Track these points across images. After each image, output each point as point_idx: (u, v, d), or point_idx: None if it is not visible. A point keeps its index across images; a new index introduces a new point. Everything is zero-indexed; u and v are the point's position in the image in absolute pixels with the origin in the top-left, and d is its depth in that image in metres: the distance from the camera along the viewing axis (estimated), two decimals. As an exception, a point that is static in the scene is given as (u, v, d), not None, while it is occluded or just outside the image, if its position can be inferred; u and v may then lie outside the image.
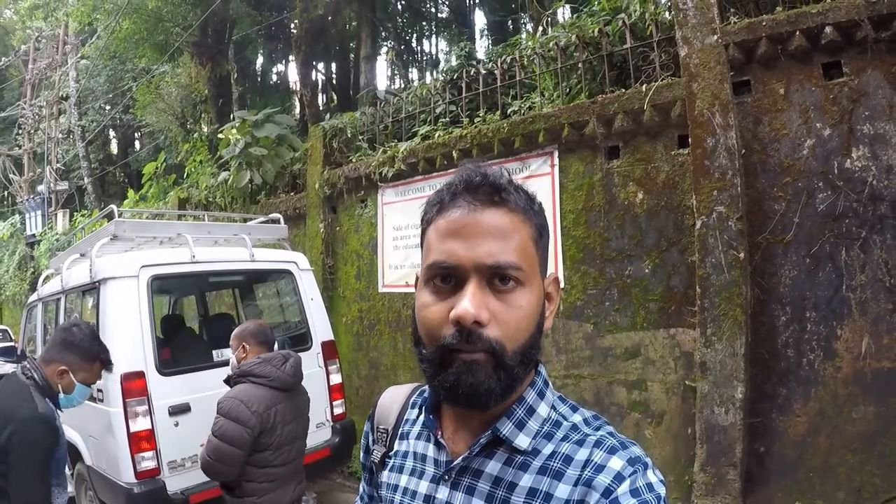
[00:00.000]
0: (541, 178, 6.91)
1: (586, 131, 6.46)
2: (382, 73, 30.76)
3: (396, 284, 8.65)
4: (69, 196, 27.43)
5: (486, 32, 24.55)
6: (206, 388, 5.18)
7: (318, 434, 6.53)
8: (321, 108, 23.91)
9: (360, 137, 9.74)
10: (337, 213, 9.93)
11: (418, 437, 1.44)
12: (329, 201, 9.91)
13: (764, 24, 5.41)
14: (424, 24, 27.33)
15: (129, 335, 5.42)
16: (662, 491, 1.13)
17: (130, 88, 21.49)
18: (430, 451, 1.38)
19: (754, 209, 5.53)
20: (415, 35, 28.07)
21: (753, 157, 5.58)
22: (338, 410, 6.80)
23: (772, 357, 5.43)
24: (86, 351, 3.77)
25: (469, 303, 1.13)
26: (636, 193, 6.22)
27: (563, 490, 1.15)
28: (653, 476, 1.14)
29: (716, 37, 5.58)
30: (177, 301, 9.98)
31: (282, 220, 7.60)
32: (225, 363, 5.63)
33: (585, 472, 1.15)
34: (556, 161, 6.84)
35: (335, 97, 26.48)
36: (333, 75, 26.89)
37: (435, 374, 1.21)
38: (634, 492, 1.10)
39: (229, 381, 4.38)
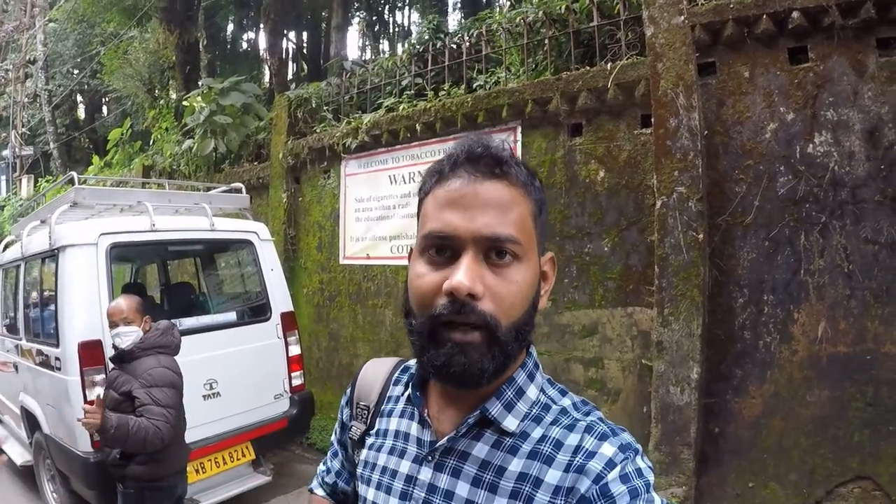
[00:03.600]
0: (503, 154, 6.84)
1: (550, 108, 6.43)
2: (354, 44, 30.61)
3: (357, 256, 8.63)
4: (34, 161, 27.09)
5: (458, 6, 24.36)
6: (163, 356, 5.12)
7: (276, 405, 6.59)
8: (292, 78, 23.75)
9: (325, 108, 9.65)
10: (300, 183, 9.86)
11: (401, 415, 1.42)
12: (292, 171, 9.85)
13: (731, 6, 5.39)
14: (397, -6, 27.16)
15: (87, 303, 5.39)
16: (651, 477, 1.13)
17: (98, 53, 21.14)
18: (414, 429, 1.36)
19: (715, 191, 5.54)
20: (387, 6, 27.86)
21: (716, 138, 5.57)
22: (296, 382, 6.80)
23: (728, 338, 5.46)
24: None
25: (464, 275, 1.11)
26: (598, 171, 6.21)
27: (553, 475, 1.14)
28: (642, 462, 1.14)
29: (682, 17, 5.56)
30: (138, 269, 9.96)
31: (243, 190, 7.54)
32: (184, 332, 5.65)
33: (577, 458, 1.14)
34: (520, 137, 6.80)
35: (306, 67, 26.26)
36: (304, 44, 26.68)
37: (424, 350, 1.18)
38: (624, 477, 1.10)
39: (122, 357, 4.45)
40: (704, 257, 5.35)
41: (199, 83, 13.25)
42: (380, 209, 8.31)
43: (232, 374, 6.14)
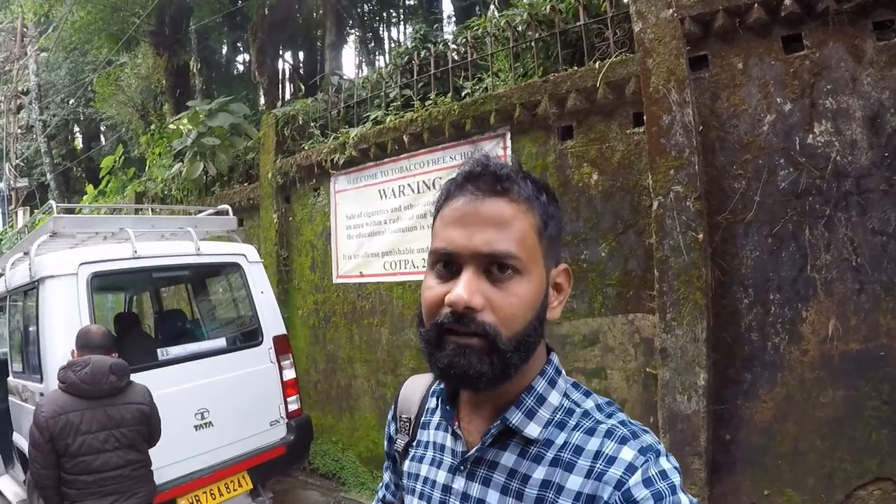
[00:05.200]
0: (494, 161, 6.75)
1: (538, 111, 6.28)
2: (350, 61, 30.75)
3: (350, 275, 8.49)
4: (30, 193, 27.19)
5: (452, 18, 24.43)
6: (150, 388, 4.96)
7: (273, 432, 6.49)
8: (290, 97, 23.80)
9: (313, 124, 9.54)
10: (290, 202, 9.75)
11: (437, 427, 1.49)
12: (282, 191, 9.73)
13: (721, -5, 5.26)
14: (392, 11, 27.23)
15: (68, 336, 5.17)
16: (676, 478, 1.14)
17: (91, 81, 21.21)
18: (448, 440, 1.43)
19: (713, 188, 5.38)
20: (382, 23, 27.98)
21: (711, 134, 5.42)
22: (293, 407, 6.72)
23: (735, 341, 5.29)
24: None
25: (462, 289, 1.17)
26: (591, 174, 6.06)
27: (574, 481, 1.18)
28: (666, 463, 1.16)
29: (671, 10, 5.42)
30: (132, 299, 9.91)
31: (230, 212, 7.45)
32: (172, 361, 5.74)
33: (598, 465, 1.17)
34: (509, 143, 6.66)
35: (302, 86, 26.30)
36: (300, 64, 26.73)
37: (432, 355, 1.24)
38: (647, 481, 1.12)
39: None
40: (706, 258, 5.20)
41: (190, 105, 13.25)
42: (371, 225, 8.17)
43: (224, 402, 6.04)
